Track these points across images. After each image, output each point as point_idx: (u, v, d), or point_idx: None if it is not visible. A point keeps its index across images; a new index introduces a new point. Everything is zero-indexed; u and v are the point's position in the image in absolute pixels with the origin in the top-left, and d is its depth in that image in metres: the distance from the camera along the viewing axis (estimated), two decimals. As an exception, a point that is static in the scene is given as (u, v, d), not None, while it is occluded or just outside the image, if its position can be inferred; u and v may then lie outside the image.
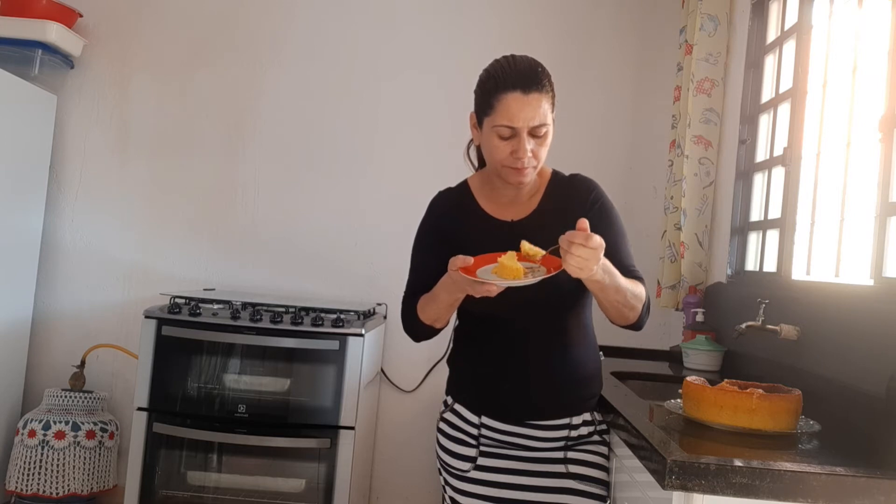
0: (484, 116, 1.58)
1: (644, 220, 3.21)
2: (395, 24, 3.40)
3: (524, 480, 1.65)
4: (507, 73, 1.55)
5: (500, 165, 1.58)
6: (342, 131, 3.39)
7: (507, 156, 1.56)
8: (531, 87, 1.52)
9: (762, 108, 2.58)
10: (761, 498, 1.17)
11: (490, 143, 1.58)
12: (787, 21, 2.47)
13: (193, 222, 3.39)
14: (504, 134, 1.54)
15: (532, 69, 1.56)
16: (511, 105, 1.52)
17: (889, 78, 1.70)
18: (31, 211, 3.24)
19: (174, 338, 2.76)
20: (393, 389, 3.34)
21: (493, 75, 1.58)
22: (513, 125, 1.52)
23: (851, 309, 1.70)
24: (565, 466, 1.66)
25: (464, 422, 1.69)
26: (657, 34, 3.34)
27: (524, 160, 1.54)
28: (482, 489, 1.65)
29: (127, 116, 3.41)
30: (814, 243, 2.09)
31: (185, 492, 2.78)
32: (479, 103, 1.60)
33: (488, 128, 1.57)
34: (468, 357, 1.72)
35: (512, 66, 1.57)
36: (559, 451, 1.67)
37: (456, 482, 1.68)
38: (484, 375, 1.68)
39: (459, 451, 1.68)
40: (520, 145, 1.53)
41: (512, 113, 1.52)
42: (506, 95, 1.52)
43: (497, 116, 1.53)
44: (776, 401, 1.44)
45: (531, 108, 1.52)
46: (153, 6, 3.43)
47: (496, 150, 1.57)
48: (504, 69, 1.56)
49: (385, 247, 3.34)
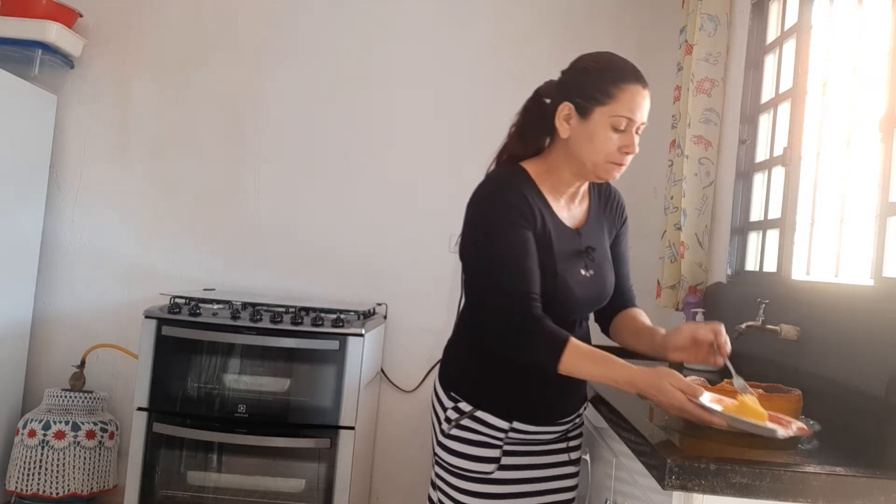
0: (597, 105, 1.50)
1: (644, 220, 3.21)
2: (396, 25, 3.40)
3: (537, 473, 1.69)
4: (627, 67, 1.52)
5: (603, 160, 1.52)
6: (342, 131, 3.39)
7: (615, 150, 1.51)
8: (646, 85, 1.52)
9: (762, 108, 2.59)
10: (761, 498, 1.17)
11: (600, 133, 1.50)
12: (787, 21, 2.47)
13: (193, 222, 3.39)
14: (620, 125, 1.49)
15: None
16: (635, 97, 1.49)
17: (889, 78, 1.70)
18: (31, 211, 3.24)
19: (174, 338, 2.76)
20: (393, 389, 3.34)
21: (612, 65, 1.52)
22: (633, 116, 1.49)
23: (851, 309, 1.70)
24: (567, 455, 1.74)
25: (488, 427, 1.62)
26: (657, 34, 3.34)
27: (628, 157, 1.52)
28: (501, 488, 1.63)
29: (127, 116, 3.41)
30: (814, 243, 2.09)
31: (185, 492, 2.78)
32: (593, 90, 1.51)
33: (602, 117, 1.49)
34: (497, 368, 1.61)
35: (624, 60, 1.54)
36: (563, 441, 1.74)
37: (473, 485, 1.63)
38: (519, 383, 1.61)
39: (482, 454, 1.62)
40: (631, 140, 1.51)
41: (635, 104, 1.49)
42: (630, 86, 1.49)
43: (618, 106, 1.48)
44: (775, 400, 1.44)
45: (646, 104, 1.51)
46: (153, 6, 3.43)
47: (607, 141, 1.50)
48: (620, 62, 1.53)
49: (385, 247, 3.35)
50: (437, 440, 1.68)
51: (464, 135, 3.35)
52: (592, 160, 1.53)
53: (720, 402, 1.37)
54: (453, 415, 1.64)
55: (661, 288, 2.95)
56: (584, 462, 1.88)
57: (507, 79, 3.36)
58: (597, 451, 1.86)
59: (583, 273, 1.58)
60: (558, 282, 1.53)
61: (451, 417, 1.64)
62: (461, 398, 1.64)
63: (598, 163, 1.52)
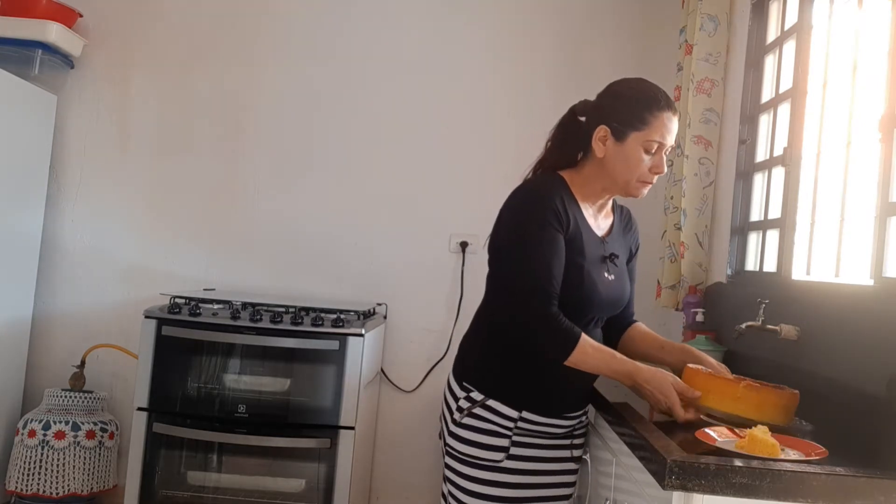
0: (632, 130, 1.66)
1: (644, 220, 3.19)
2: (396, 25, 3.40)
3: (542, 466, 1.77)
4: (660, 94, 1.69)
5: (635, 179, 1.68)
6: (342, 131, 3.39)
7: (646, 170, 1.68)
8: (676, 111, 1.70)
9: (762, 108, 2.58)
10: (761, 498, 1.17)
11: (634, 155, 1.66)
12: (787, 21, 2.47)
13: (193, 222, 3.39)
14: (651, 149, 1.66)
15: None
16: (667, 123, 1.66)
17: (889, 78, 1.70)
18: (31, 211, 3.24)
19: (174, 338, 2.76)
20: (393, 389, 3.34)
21: (647, 94, 1.68)
22: (664, 141, 1.67)
23: (851, 309, 1.70)
24: (570, 452, 1.82)
25: (499, 416, 1.72)
26: (657, 34, 3.34)
27: (655, 177, 1.70)
28: (509, 477, 1.73)
29: (127, 116, 3.41)
30: (814, 243, 2.09)
31: (185, 492, 2.78)
32: (627, 116, 1.67)
33: (636, 141, 1.66)
34: (511, 355, 1.72)
35: (658, 89, 1.70)
36: (566, 438, 1.82)
37: (482, 473, 1.72)
38: (530, 374, 1.72)
39: (492, 443, 1.72)
40: (661, 162, 1.68)
41: (667, 130, 1.66)
42: (663, 114, 1.66)
43: (652, 132, 1.65)
44: (763, 392, 1.45)
45: (675, 129, 1.69)
46: (153, 6, 3.43)
47: (639, 163, 1.67)
48: (655, 90, 1.69)
49: (385, 247, 3.35)
50: (448, 430, 1.76)
51: (465, 135, 3.35)
52: (625, 178, 1.69)
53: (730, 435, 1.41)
54: (465, 404, 1.74)
55: (661, 288, 2.95)
56: (584, 462, 1.88)
57: (508, 79, 3.36)
58: (597, 451, 1.86)
59: (606, 276, 1.73)
60: (585, 279, 1.68)
61: (463, 406, 1.74)
62: (473, 388, 1.74)
63: (630, 181, 1.69)
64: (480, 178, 3.28)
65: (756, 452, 1.29)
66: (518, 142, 3.10)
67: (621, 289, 1.78)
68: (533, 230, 1.63)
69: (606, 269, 1.74)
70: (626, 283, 1.82)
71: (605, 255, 1.75)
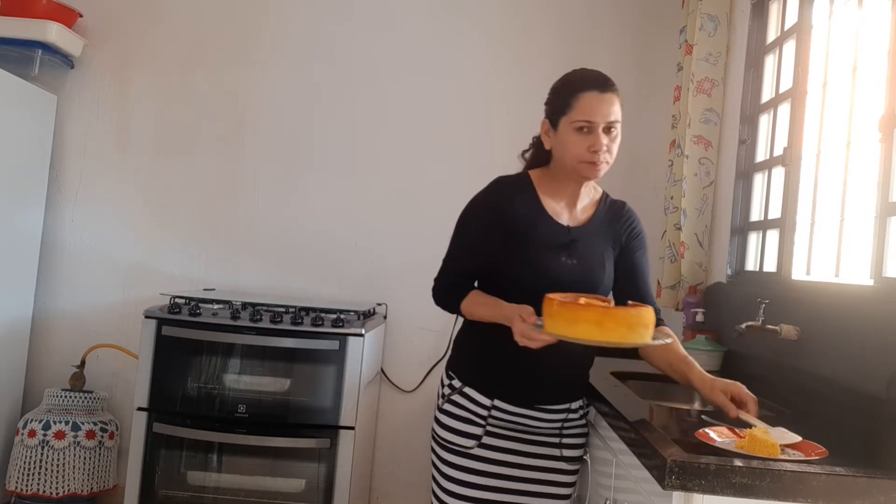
0: (561, 116, 1.73)
1: (644, 220, 3.19)
2: (395, 25, 3.40)
3: (522, 460, 1.80)
4: (584, 77, 1.75)
5: (577, 161, 1.72)
6: (342, 131, 3.39)
7: (584, 150, 1.70)
8: (606, 88, 1.72)
9: (762, 108, 2.59)
10: (761, 498, 1.17)
11: (567, 140, 1.72)
12: (787, 21, 2.47)
13: (193, 222, 3.39)
14: (582, 129, 1.70)
15: (604, 75, 1.76)
16: (590, 102, 1.69)
17: (889, 78, 1.70)
18: (31, 211, 3.24)
19: (174, 338, 2.76)
20: (393, 389, 3.34)
21: (570, 80, 1.77)
22: (591, 119, 1.69)
23: (851, 309, 1.70)
24: (560, 450, 1.83)
25: (474, 403, 1.80)
26: (657, 34, 3.34)
27: (600, 154, 1.70)
28: (482, 465, 1.79)
29: (127, 116, 3.42)
30: (814, 243, 2.09)
31: (185, 492, 2.78)
32: (556, 105, 1.76)
33: (566, 126, 1.72)
34: (486, 344, 1.80)
35: (585, 72, 1.77)
36: (555, 436, 1.83)
37: (456, 458, 1.80)
38: (501, 362, 1.78)
39: (465, 430, 1.79)
40: (596, 139, 1.69)
41: (591, 109, 1.69)
42: (584, 94, 1.70)
43: (575, 113, 1.70)
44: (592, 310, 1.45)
45: (606, 105, 1.70)
46: (153, 6, 3.43)
47: (574, 145, 1.71)
48: (579, 74, 1.77)
49: (385, 247, 3.35)
50: (434, 417, 1.87)
51: (465, 135, 3.35)
52: (569, 162, 1.74)
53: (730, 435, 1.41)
54: (447, 391, 1.86)
55: (661, 288, 2.95)
56: (584, 462, 1.88)
57: (508, 79, 3.36)
58: (597, 451, 1.86)
59: (564, 260, 1.77)
60: (528, 262, 1.76)
61: (445, 393, 1.86)
62: (455, 376, 1.85)
63: (574, 164, 1.73)
64: (480, 178, 3.25)
65: (756, 452, 1.29)
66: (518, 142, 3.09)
67: (585, 272, 1.77)
68: (462, 223, 1.86)
69: (566, 255, 1.77)
70: (595, 269, 1.80)
71: (564, 242, 1.78)
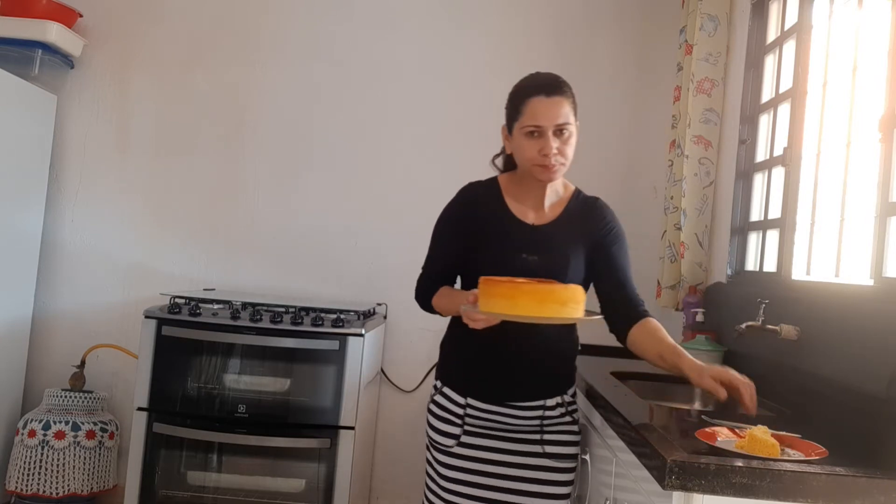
0: (514, 123, 1.80)
1: (644, 220, 3.21)
2: (395, 25, 3.40)
3: (504, 458, 1.84)
4: (532, 82, 1.80)
5: (531, 164, 1.78)
6: (342, 131, 3.39)
7: (536, 154, 1.75)
8: (553, 92, 1.76)
9: (762, 108, 2.58)
10: (761, 498, 1.17)
11: (520, 145, 1.78)
12: (787, 21, 2.47)
13: (193, 222, 3.39)
14: (532, 134, 1.75)
15: (554, 78, 1.80)
16: (537, 107, 1.74)
17: (889, 78, 1.70)
18: (31, 211, 3.24)
19: (174, 338, 2.76)
20: (393, 389, 3.34)
21: (520, 86, 1.82)
22: (539, 124, 1.74)
23: (851, 309, 1.70)
24: (542, 447, 1.85)
25: (451, 403, 1.88)
26: (657, 34, 3.34)
27: (551, 157, 1.74)
28: (464, 463, 1.85)
29: (127, 116, 3.42)
30: (814, 243, 2.09)
31: (185, 492, 2.78)
32: (509, 113, 1.83)
33: (518, 132, 1.78)
34: (459, 344, 1.91)
35: (535, 77, 1.82)
36: (536, 433, 1.85)
37: (441, 456, 1.88)
38: (472, 361, 1.87)
39: (445, 429, 1.87)
40: (546, 143, 1.74)
41: (538, 113, 1.74)
42: (531, 100, 1.75)
43: (525, 119, 1.76)
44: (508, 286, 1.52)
45: (554, 109, 1.74)
46: (153, 6, 3.43)
47: (526, 149, 1.77)
48: (529, 80, 1.82)
49: (385, 247, 3.35)
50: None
51: (465, 135, 3.35)
52: (526, 166, 1.81)
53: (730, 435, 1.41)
54: (432, 391, 1.95)
55: (661, 288, 2.95)
56: (584, 462, 1.88)
57: (507, 79, 3.34)
58: (597, 451, 1.86)
59: (525, 257, 1.82)
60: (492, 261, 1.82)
61: (431, 393, 1.96)
62: (438, 377, 1.95)
63: (529, 167, 1.80)
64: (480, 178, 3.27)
65: (756, 452, 1.29)
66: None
67: (547, 267, 1.80)
68: (434, 230, 1.95)
69: (527, 251, 1.82)
70: (560, 262, 1.82)
71: (526, 240, 1.84)
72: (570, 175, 1.91)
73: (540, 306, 1.51)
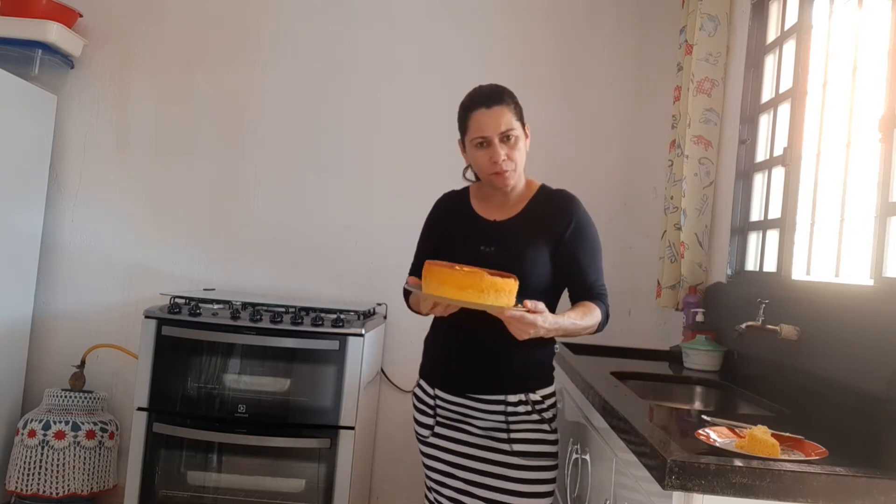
0: (465, 137, 1.90)
1: (644, 220, 3.21)
2: (395, 25, 3.40)
3: (474, 452, 1.90)
4: (474, 96, 1.89)
5: (487, 175, 1.88)
6: (342, 131, 3.39)
7: (488, 163, 1.85)
8: (493, 103, 1.85)
9: (762, 108, 2.58)
10: (761, 498, 1.17)
11: (473, 157, 1.89)
12: (787, 21, 2.47)
13: (193, 222, 3.39)
14: (480, 144, 1.85)
15: (494, 89, 1.90)
16: (480, 119, 1.84)
17: (889, 78, 1.70)
18: (31, 211, 3.24)
19: (174, 338, 2.76)
20: (393, 389, 3.34)
21: (463, 102, 1.92)
22: (484, 134, 1.84)
23: (851, 309, 1.70)
24: (510, 445, 1.87)
25: (424, 394, 1.98)
26: (657, 34, 3.34)
27: (500, 164, 1.84)
28: (440, 454, 1.94)
29: (127, 116, 3.42)
30: (814, 243, 2.09)
31: (185, 492, 2.78)
32: (460, 128, 1.93)
33: (469, 145, 1.89)
34: (433, 338, 2.03)
35: (477, 91, 1.91)
36: (503, 431, 1.88)
37: (422, 447, 2.00)
38: (438, 354, 1.98)
39: (422, 420, 1.98)
40: (494, 151, 1.84)
41: (481, 125, 1.84)
42: (474, 113, 1.86)
43: (472, 132, 1.86)
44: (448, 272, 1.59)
45: (495, 118, 1.83)
46: (153, 6, 3.43)
47: (478, 159, 1.87)
48: (471, 95, 1.91)
49: (385, 247, 3.35)
50: None
51: (464, 135, 3.35)
52: (482, 176, 1.93)
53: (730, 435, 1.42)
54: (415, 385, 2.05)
55: (661, 288, 2.95)
56: (584, 462, 1.88)
57: (507, 79, 3.33)
58: (597, 451, 1.86)
59: (482, 249, 1.90)
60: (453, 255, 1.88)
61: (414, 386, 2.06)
62: (419, 371, 2.04)
63: (485, 177, 1.91)
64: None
65: (756, 452, 1.29)
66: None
67: (505, 258, 1.86)
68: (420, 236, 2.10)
69: (484, 244, 1.90)
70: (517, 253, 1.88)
71: (485, 234, 1.92)
72: (570, 174, 1.93)
73: (460, 292, 1.60)
